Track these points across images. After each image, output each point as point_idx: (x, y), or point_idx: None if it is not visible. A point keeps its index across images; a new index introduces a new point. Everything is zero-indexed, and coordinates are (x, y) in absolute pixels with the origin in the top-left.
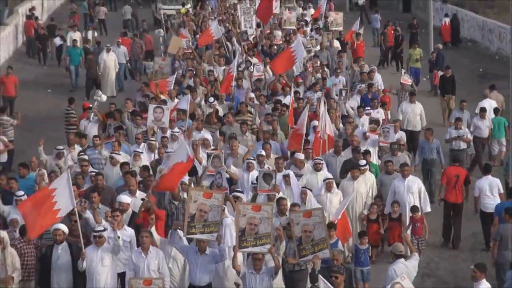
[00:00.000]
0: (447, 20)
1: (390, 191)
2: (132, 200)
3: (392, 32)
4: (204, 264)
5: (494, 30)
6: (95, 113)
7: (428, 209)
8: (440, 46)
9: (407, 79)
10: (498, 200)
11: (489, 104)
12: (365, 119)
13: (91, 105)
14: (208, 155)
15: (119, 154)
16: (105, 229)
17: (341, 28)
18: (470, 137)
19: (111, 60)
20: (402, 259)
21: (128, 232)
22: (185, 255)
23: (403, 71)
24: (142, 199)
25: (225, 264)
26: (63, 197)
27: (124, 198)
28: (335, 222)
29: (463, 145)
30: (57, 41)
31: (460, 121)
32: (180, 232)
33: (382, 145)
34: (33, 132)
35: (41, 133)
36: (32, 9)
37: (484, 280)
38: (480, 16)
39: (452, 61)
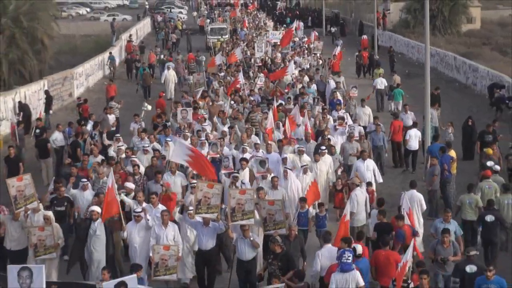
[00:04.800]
0: (365, 36)
1: (353, 169)
2: (173, 178)
3: (366, 55)
4: (208, 234)
5: (415, 47)
6: (140, 119)
7: (381, 180)
8: (377, 57)
9: (354, 93)
10: (416, 144)
11: (381, 81)
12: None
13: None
14: (209, 143)
15: (148, 146)
16: (143, 210)
17: (320, 52)
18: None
19: (171, 75)
20: (359, 188)
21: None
22: (194, 227)
23: (351, 87)
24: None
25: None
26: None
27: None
28: (305, 196)
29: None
30: (137, 64)
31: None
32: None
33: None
34: (130, 112)
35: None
36: (130, 36)
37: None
38: (406, 38)
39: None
